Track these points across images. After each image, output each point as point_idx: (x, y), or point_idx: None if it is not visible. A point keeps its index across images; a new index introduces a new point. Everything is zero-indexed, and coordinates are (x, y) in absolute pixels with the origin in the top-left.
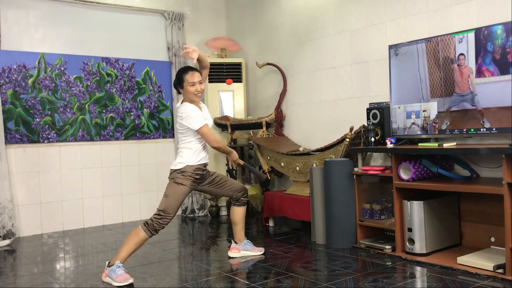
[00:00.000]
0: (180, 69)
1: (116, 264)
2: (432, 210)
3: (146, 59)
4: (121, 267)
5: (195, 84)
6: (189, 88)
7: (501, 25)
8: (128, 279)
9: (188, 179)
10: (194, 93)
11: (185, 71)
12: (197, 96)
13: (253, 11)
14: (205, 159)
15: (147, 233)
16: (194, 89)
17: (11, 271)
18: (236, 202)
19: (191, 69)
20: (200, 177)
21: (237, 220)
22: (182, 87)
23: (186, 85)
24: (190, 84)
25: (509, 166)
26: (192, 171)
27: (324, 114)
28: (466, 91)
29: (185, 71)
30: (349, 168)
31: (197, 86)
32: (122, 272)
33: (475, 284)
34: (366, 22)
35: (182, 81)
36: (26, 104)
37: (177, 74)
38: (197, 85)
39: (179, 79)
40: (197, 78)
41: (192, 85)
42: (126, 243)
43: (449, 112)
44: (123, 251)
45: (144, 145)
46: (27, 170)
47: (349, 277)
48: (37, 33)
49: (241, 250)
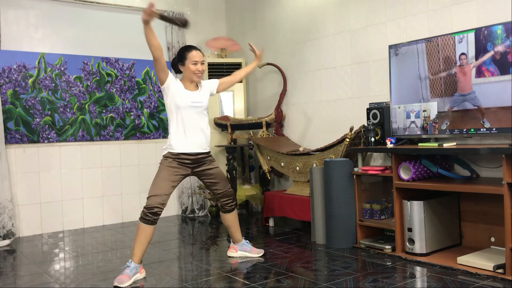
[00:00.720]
0: (183, 46)
1: (126, 264)
2: (432, 210)
3: (146, 59)
4: (129, 266)
5: (197, 63)
6: (190, 66)
7: (501, 25)
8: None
9: (172, 162)
10: (195, 72)
11: (188, 49)
12: (197, 75)
13: (253, 11)
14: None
15: (143, 220)
16: (196, 68)
17: (11, 271)
18: (221, 208)
19: (194, 48)
20: (190, 162)
21: (228, 224)
22: (183, 64)
23: (188, 62)
24: (192, 62)
25: (509, 166)
26: (175, 156)
27: (324, 114)
28: (468, 91)
29: (189, 49)
30: (349, 168)
31: (199, 66)
32: (124, 272)
33: (475, 284)
34: (366, 22)
35: (185, 58)
36: (26, 104)
37: (179, 50)
38: (199, 64)
39: (181, 55)
40: (200, 57)
41: (194, 63)
42: (134, 240)
43: (451, 112)
44: (134, 249)
45: (144, 145)
46: (27, 170)
47: (349, 277)
48: (37, 33)
49: (238, 250)
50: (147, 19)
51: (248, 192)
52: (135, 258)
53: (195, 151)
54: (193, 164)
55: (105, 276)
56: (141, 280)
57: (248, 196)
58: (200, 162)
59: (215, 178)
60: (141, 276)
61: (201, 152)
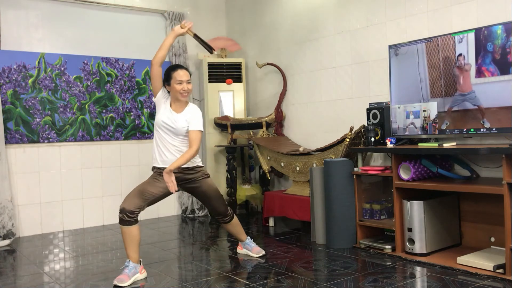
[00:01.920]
0: (170, 66)
1: (125, 263)
2: (432, 210)
3: (146, 59)
4: (128, 266)
5: (183, 82)
6: (176, 86)
7: (501, 25)
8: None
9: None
10: (180, 91)
11: (174, 68)
12: (182, 95)
13: (253, 11)
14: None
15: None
16: (181, 88)
17: (11, 271)
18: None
19: (180, 67)
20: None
21: (229, 231)
22: (169, 83)
23: (173, 82)
24: (177, 81)
25: (509, 166)
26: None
27: (324, 114)
28: (468, 90)
29: (174, 69)
30: (349, 168)
31: (184, 85)
32: (123, 272)
33: (475, 284)
34: (366, 22)
35: (170, 77)
36: (26, 104)
37: (166, 70)
38: (184, 84)
39: (167, 75)
40: (186, 76)
41: (179, 83)
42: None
43: (450, 112)
44: (127, 252)
45: (144, 145)
46: (27, 170)
47: (349, 277)
48: (37, 33)
49: (243, 248)
50: (180, 34)
51: (248, 192)
52: (131, 259)
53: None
54: (179, 181)
55: (105, 276)
56: (141, 280)
57: (248, 196)
58: (187, 180)
59: (207, 194)
60: (142, 277)
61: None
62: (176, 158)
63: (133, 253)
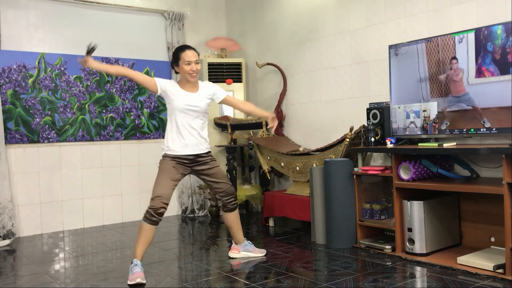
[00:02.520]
0: (178, 47)
1: (134, 262)
2: (432, 210)
3: (146, 59)
4: (138, 265)
5: (191, 63)
6: (184, 67)
7: (501, 25)
8: (136, 279)
9: (170, 162)
10: (189, 72)
11: (182, 49)
12: (191, 76)
13: (253, 11)
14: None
15: (147, 221)
16: (190, 68)
17: (11, 271)
18: (223, 207)
19: (188, 47)
20: (189, 161)
21: (230, 224)
22: (177, 64)
23: (181, 63)
24: (186, 62)
25: (509, 166)
26: (172, 158)
27: (324, 114)
28: (462, 92)
29: (182, 49)
30: (349, 168)
31: (193, 66)
32: (137, 271)
33: (475, 284)
34: (366, 22)
35: (179, 58)
36: (26, 104)
37: (174, 51)
38: (193, 64)
39: (175, 56)
40: (194, 57)
41: (187, 63)
42: (137, 239)
43: (448, 112)
44: (136, 248)
45: (144, 145)
46: (27, 170)
47: (349, 277)
48: (37, 33)
49: (241, 251)
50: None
51: (248, 192)
52: (138, 257)
53: (192, 153)
54: (191, 163)
55: (105, 276)
56: None
57: (248, 196)
58: (199, 162)
59: (215, 177)
60: None
61: (199, 153)
62: (196, 141)
63: (142, 252)
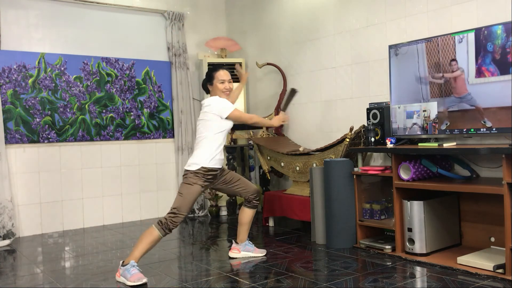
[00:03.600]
0: (211, 68)
1: (131, 264)
2: (432, 210)
3: (146, 59)
4: (135, 266)
5: (225, 82)
6: (218, 85)
7: (501, 25)
8: (142, 279)
9: (201, 179)
10: (223, 90)
11: (216, 69)
12: (225, 93)
13: (253, 11)
14: (219, 163)
15: (161, 231)
16: (223, 87)
17: (11, 271)
18: (247, 204)
19: (222, 68)
20: (212, 177)
21: (244, 221)
22: (212, 83)
23: (216, 82)
24: (220, 81)
25: (509, 166)
26: (205, 172)
27: (324, 114)
28: (463, 94)
29: (216, 69)
30: (349, 168)
31: (227, 84)
32: (136, 272)
33: (475, 284)
34: (366, 22)
35: (213, 78)
36: (26, 104)
37: (207, 72)
38: (227, 83)
39: (209, 76)
40: (227, 76)
41: (222, 82)
42: (140, 242)
43: (448, 112)
44: (137, 250)
45: (144, 145)
46: (27, 170)
47: (349, 277)
48: (37, 33)
49: (242, 251)
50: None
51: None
52: (136, 260)
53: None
54: (214, 179)
55: (105, 276)
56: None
57: None
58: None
59: (235, 177)
60: None
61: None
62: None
63: (140, 255)
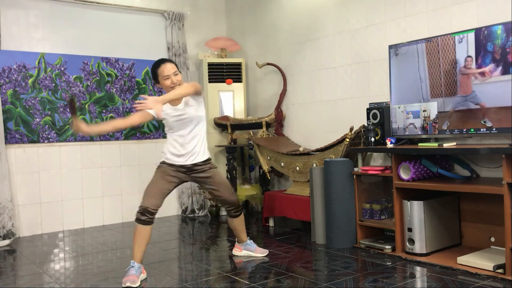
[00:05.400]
0: (153, 64)
1: (130, 264)
2: (432, 210)
3: (146, 59)
4: (134, 267)
5: (170, 76)
6: (164, 82)
7: (501, 25)
8: (126, 282)
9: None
10: (171, 86)
11: (157, 65)
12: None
13: (253, 11)
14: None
15: (139, 221)
16: (170, 82)
17: (11, 271)
18: (227, 213)
19: (163, 62)
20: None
21: (233, 227)
22: (157, 81)
23: (161, 79)
24: (164, 77)
25: (509, 166)
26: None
27: (324, 114)
28: (469, 92)
29: (158, 65)
30: (349, 168)
31: (172, 78)
32: (131, 273)
33: (475, 284)
34: (366, 22)
35: (157, 76)
36: (26, 104)
37: (151, 69)
38: (172, 77)
39: (153, 74)
40: (171, 70)
41: (166, 78)
42: (133, 242)
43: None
44: (134, 250)
45: (144, 145)
46: (27, 170)
47: (349, 277)
48: (37, 33)
49: (243, 250)
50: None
51: (248, 192)
52: (136, 259)
53: (190, 163)
54: (189, 171)
55: (105, 276)
56: (143, 280)
57: (248, 196)
58: (198, 170)
59: (214, 185)
60: (144, 277)
61: (196, 162)
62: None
63: (139, 253)
